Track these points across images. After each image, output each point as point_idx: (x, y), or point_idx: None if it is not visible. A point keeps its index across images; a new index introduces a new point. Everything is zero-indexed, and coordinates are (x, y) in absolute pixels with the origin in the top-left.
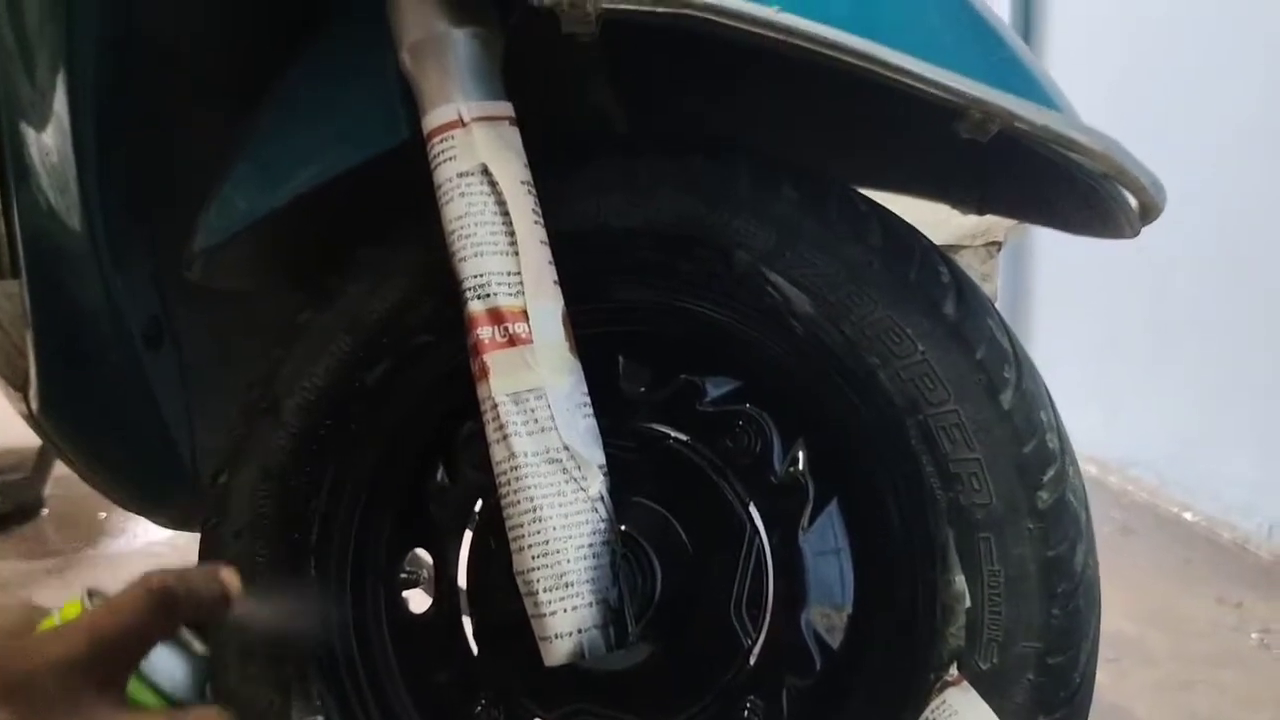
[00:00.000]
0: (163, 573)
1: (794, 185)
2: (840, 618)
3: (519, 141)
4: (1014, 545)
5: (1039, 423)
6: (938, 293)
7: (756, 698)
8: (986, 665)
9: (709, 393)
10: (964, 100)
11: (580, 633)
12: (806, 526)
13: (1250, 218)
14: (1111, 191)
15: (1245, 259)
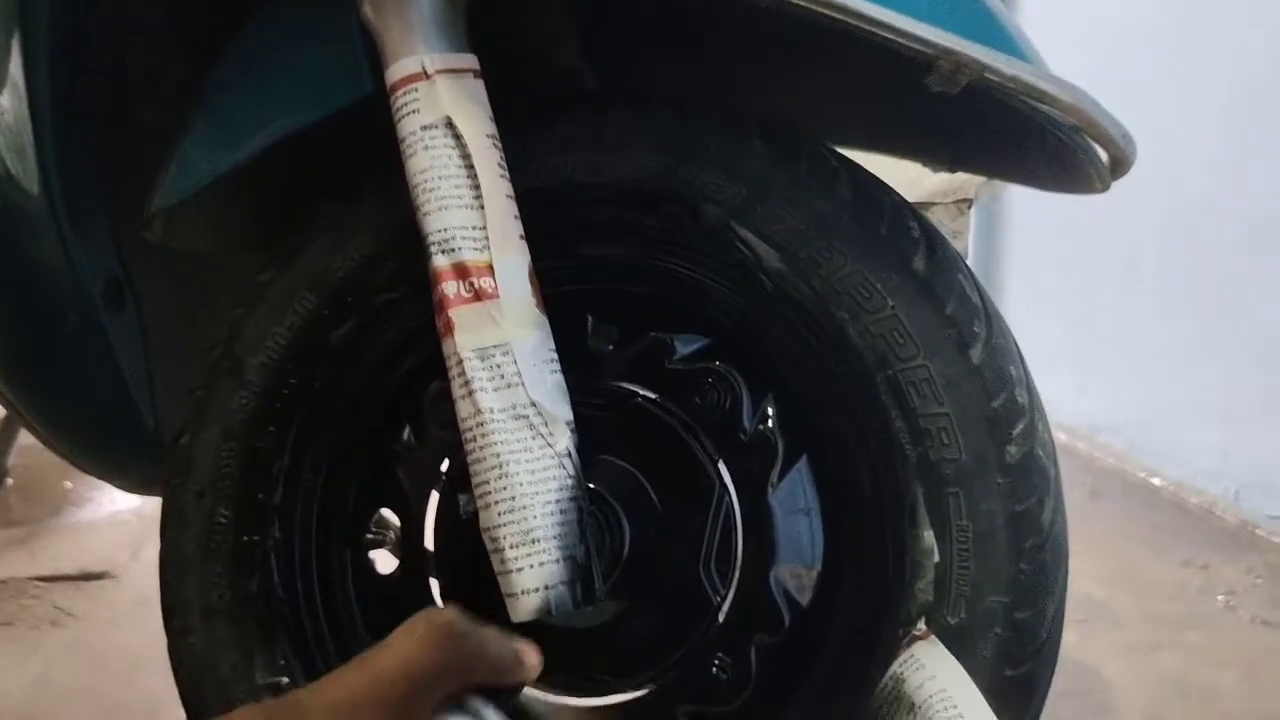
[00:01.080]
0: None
1: (764, 140)
2: (809, 575)
3: (484, 94)
4: (983, 500)
5: (1008, 377)
6: (908, 248)
7: (725, 655)
8: (954, 620)
9: (678, 350)
10: (934, 51)
11: (547, 589)
12: (775, 483)
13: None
14: (1081, 145)
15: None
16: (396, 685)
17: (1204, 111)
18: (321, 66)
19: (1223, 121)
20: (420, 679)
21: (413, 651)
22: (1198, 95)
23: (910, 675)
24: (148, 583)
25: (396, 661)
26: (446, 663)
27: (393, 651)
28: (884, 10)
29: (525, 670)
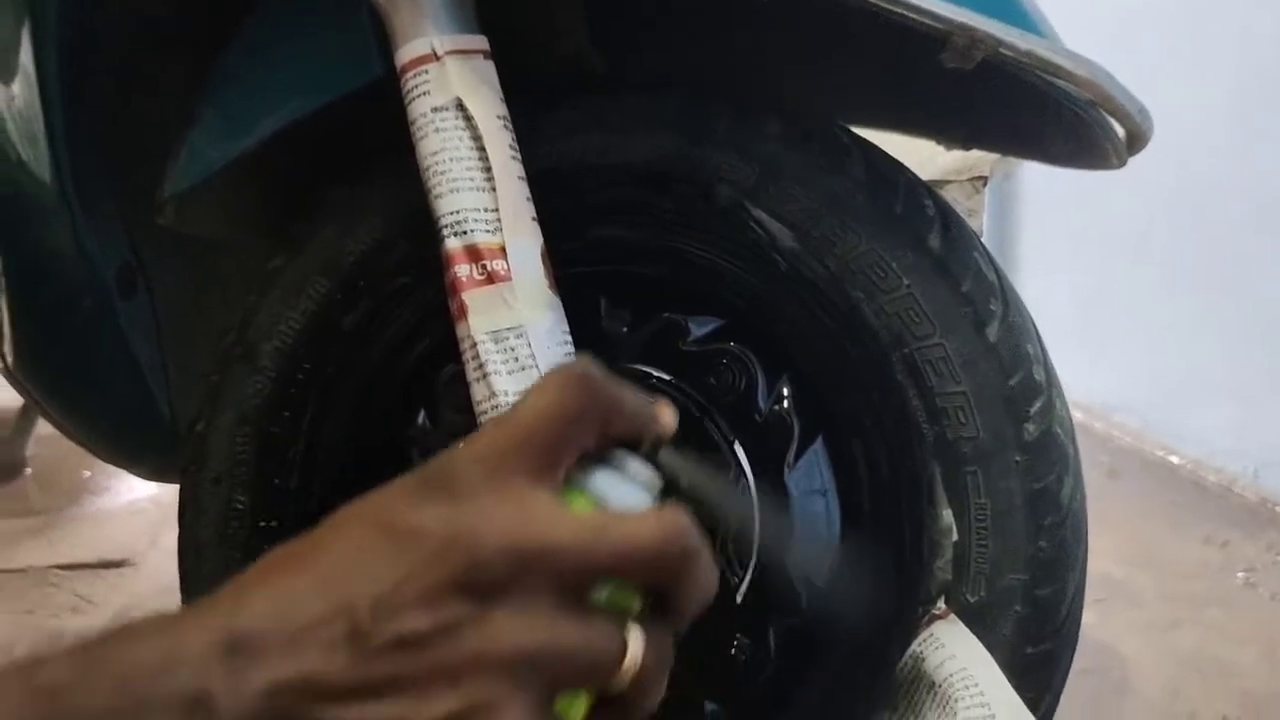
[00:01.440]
0: (584, 359)
1: (776, 120)
2: (827, 555)
3: (494, 76)
4: (1001, 478)
5: (1025, 355)
6: (923, 226)
7: (744, 635)
8: (974, 598)
9: (692, 331)
10: (948, 26)
11: None
12: (792, 464)
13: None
14: (1097, 120)
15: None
16: (540, 433)
17: (1213, 91)
18: (331, 50)
19: (1231, 101)
20: (562, 425)
21: (552, 399)
22: (1206, 75)
23: (930, 654)
24: (167, 570)
25: (537, 411)
26: (586, 409)
27: (533, 402)
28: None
29: (662, 425)
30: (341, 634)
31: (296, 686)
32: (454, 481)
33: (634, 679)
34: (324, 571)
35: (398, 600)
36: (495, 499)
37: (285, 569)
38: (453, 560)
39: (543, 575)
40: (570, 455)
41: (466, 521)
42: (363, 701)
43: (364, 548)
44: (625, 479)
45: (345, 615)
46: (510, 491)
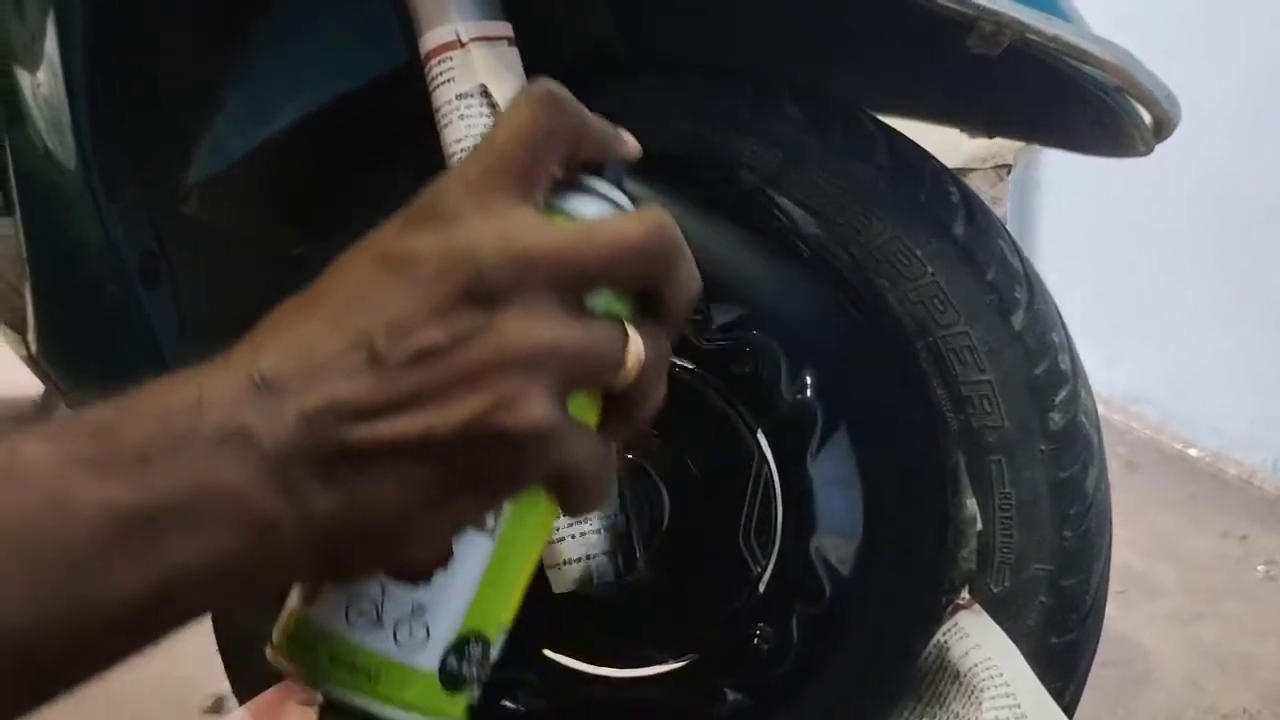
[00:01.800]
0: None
1: (799, 105)
2: (850, 545)
3: (518, 62)
4: (1026, 468)
5: (1051, 344)
6: (947, 213)
7: (767, 624)
8: (998, 588)
9: (714, 319)
10: (975, 12)
11: (588, 559)
12: (815, 453)
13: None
14: (1124, 106)
15: (1248, 194)
16: (517, 152)
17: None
18: (355, 37)
19: (1253, 92)
20: (537, 143)
21: (525, 118)
22: (1227, 66)
23: (955, 644)
24: None
25: (511, 132)
26: (555, 127)
27: (506, 124)
28: None
29: (626, 146)
30: (362, 360)
31: (327, 411)
32: (442, 208)
33: (638, 375)
34: (334, 309)
35: (409, 320)
36: (483, 217)
37: (297, 316)
38: (454, 275)
39: (542, 280)
40: (547, 172)
41: (461, 239)
42: (394, 416)
43: (367, 281)
44: (597, 199)
45: (363, 343)
46: (497, 210)
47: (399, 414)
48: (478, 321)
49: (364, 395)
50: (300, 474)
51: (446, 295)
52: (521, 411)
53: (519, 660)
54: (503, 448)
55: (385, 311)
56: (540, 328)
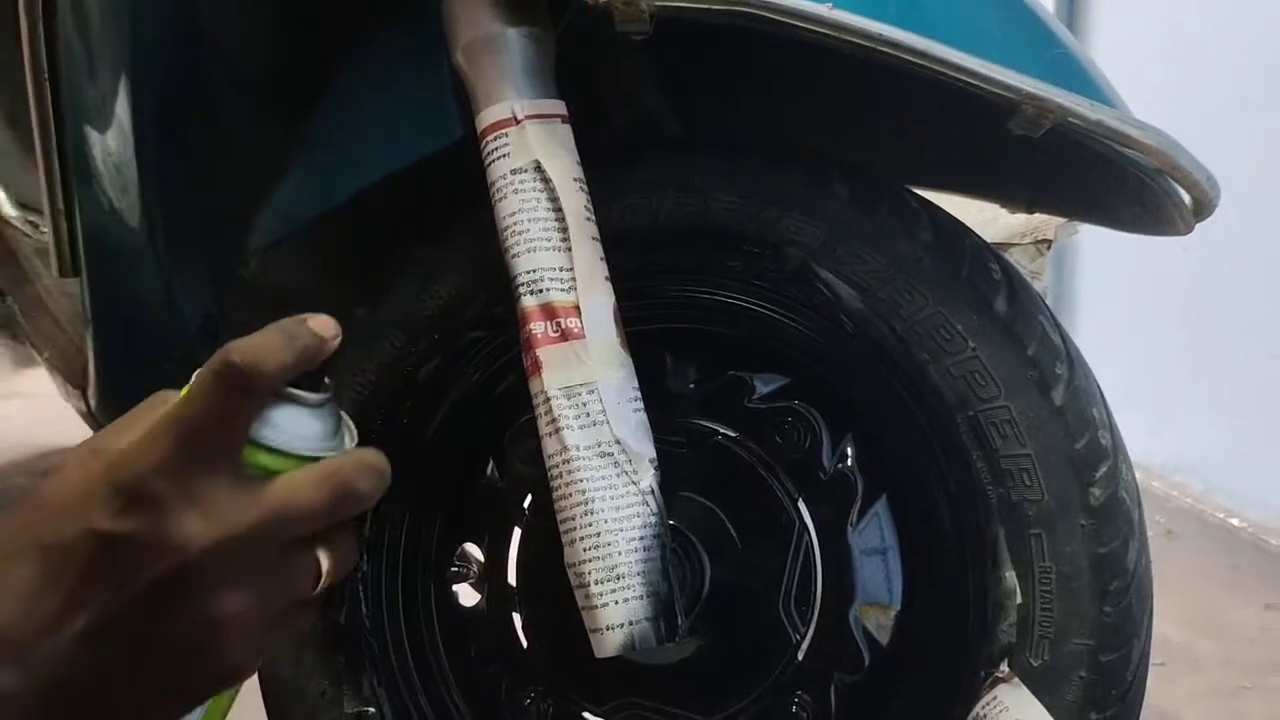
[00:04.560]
0: (230, 350)
1: (845, 182)
2: (889, 615)
3: (571, 139)
4: (1066, 542)
5: (1091, 419)
6: (989, 289)
7: (805, 693)
8: (1038, 662)
9: (758, 389)
10: (1018, 96)
11: (631, 625)
12: (855, 523)
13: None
14: (1165, 187)
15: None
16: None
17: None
18: (414, 113)
19: None
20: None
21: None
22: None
23: (993, 717)
24: None
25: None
26: (244, 402)
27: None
28: (968, 57)
29: (329, 343)
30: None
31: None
32: (144, 490)
33: (332, 577)
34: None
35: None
36: (184, 502)
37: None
38: (164, 563)
39: (240, 554)
40: (239, 437)
41: (167, 530)
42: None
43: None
44: (299, 413)
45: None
46: (196, 492)
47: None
48: (184, 602)
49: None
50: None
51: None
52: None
53: None
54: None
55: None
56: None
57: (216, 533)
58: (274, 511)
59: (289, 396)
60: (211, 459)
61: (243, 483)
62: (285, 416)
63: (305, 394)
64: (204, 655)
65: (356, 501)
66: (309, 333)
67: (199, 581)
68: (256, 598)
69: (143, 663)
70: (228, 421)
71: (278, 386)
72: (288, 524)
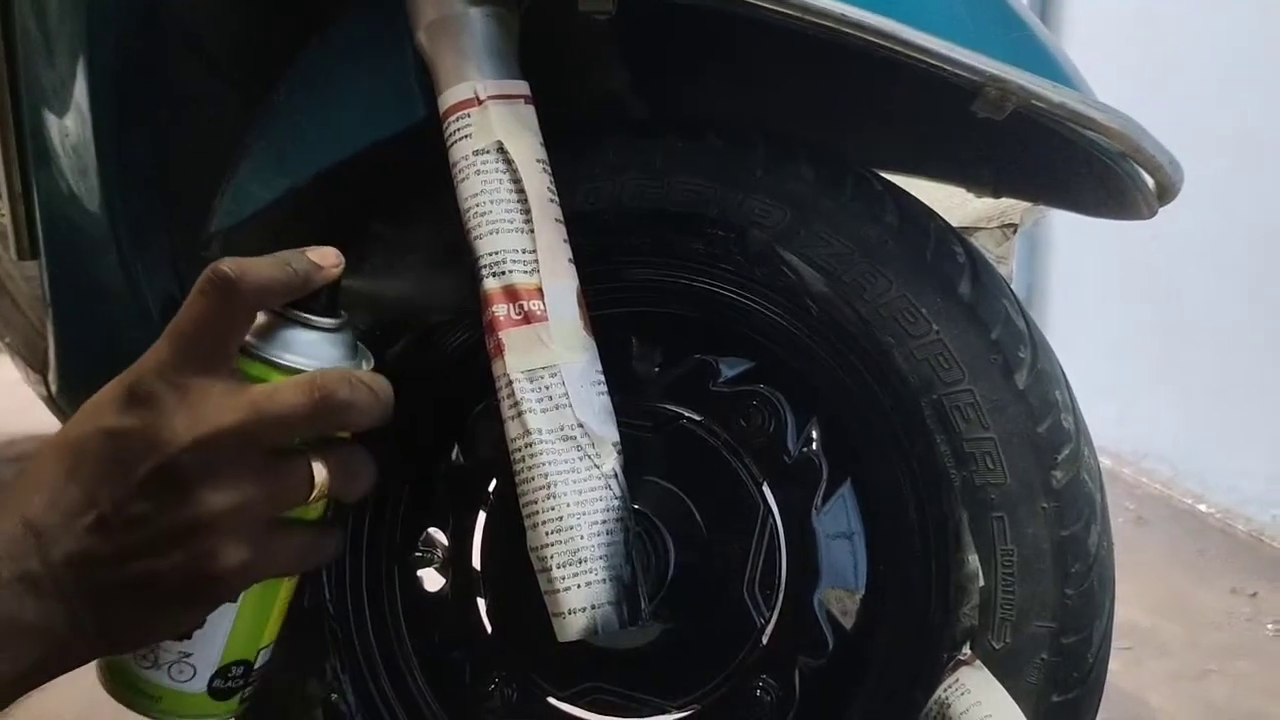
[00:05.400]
0: (220, 261)
1: (810, 165)
2: (853, 599)
3: (535, 120)
4: (1028, 525)
5: (1054, 402)
6: (953, 272)
7: (769, 677)
8: (1000, 645)
9: (723, 373)
10: (981, 78)
11: (594, 609)
12: (820, 506)
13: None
14: (1128, 171)
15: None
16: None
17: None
18: (376, 93)
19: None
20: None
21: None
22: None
23: (955, 700)
24: None
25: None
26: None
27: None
28: (932, 38)
29: (327, 271)
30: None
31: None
32: (143, 390)
33: (331, 490)
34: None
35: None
36: (175, 399)
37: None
38: (152, 457)
39: (224, 453)
40: (230, 344)
41: (159, 424)
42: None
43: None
44: (303, 333)
45: (94, 505)
46: (187, 391)
47: (127, 562)
48: (175, 493)
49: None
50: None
51: (147, 473)
52: (218, 560)
53: (524, 708)
54: (211, 580)
55: (107, 482)
56: (227, 496)
57: (200, 430)
58: (253, 412)
59: (294, 318)
60: (204, 363)
61: (233, 387)
62: (289, 335)
63: (311, 316)
64: (197, 556)
65: (340, 410)
66: (304, 258)
67: (183, 475)
68: (241, 497)
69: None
70: (215, 326)
71: (268, 302)
72: (267, 426)
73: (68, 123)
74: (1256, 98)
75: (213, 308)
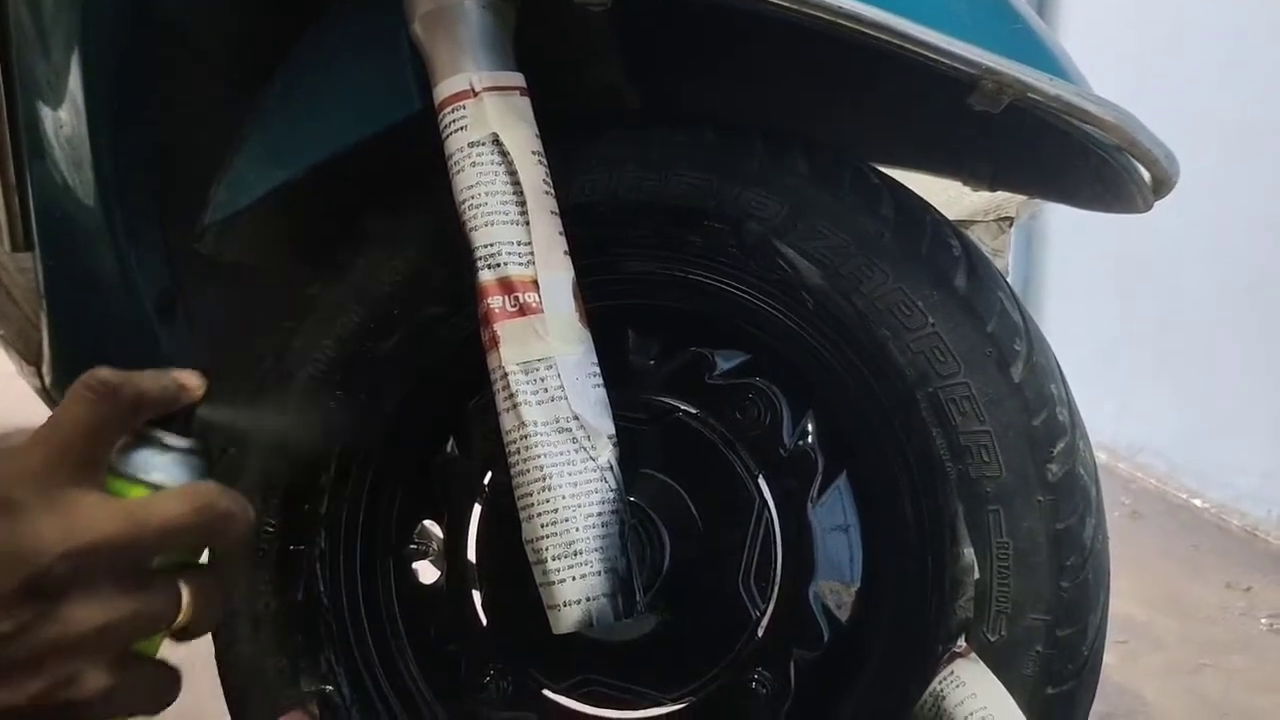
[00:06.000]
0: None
1: (806, 158)
2: (849, 591)
3: (530, 112)
4: (1023, 518)
5: (1049, 395)
6: (949, 265)
7: (764, 669)
8: (995, 637)
9: (719, 365)
10: (977, 70)
11: (588, 601)
12: (815, 499)
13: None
14: (1124, 164)
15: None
16: (74, 445)
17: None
18: (371, 85)
19: (1267, 138)
20: (92, 434)
21: (79, 413)
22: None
23: (950, 692)
24: None
25: (70, 425)
26: (109, 415)
27: (64, 417)
28: (928, 31)
29: (190, 392)
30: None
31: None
32: (9, 497)
33: (192, 614)
34: None
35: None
36: (46, 509)
37: None
38: (20, 570)
39: (98, 566)
40: (104, 453)
41: (27, 535)
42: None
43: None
44: (162, 454)
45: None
46: (59, 501)
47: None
48: (40, 611)
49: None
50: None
51: (12, 589)
52: (81, 686)
53: (520, 700)
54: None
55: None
56: (96, 612)
57: (74, 540)
58: (131, 522)
59: (154, 437)
60: (76, 471)
61: (105, 498)
62: (149, 454)
63: (171, 436)
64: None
65: (220, 520)
66: (172, 378)
67: (52, 589)
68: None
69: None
70: (94, 433)
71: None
72: (147, 536)
73: (62, 115)
74: (1255, 89)
75: (95, 413)
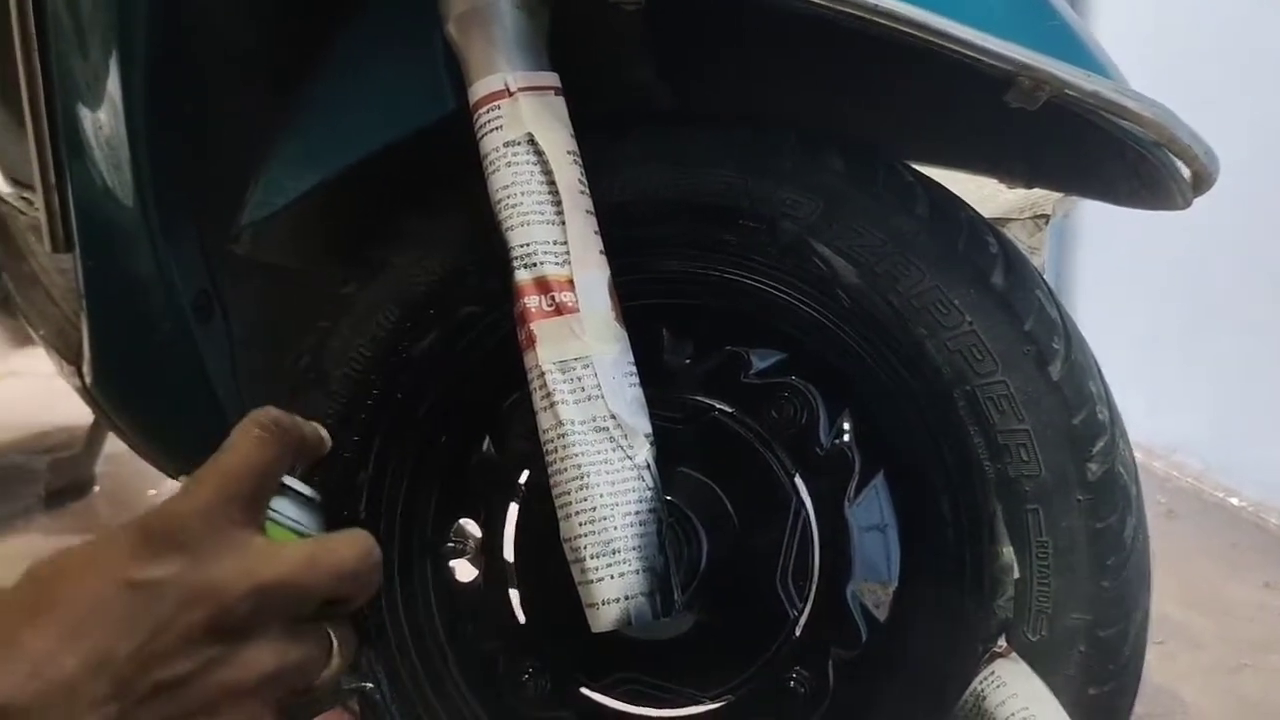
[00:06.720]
0: (268, 409)
1: (841, 156)
2: (886, 591)
3: (565, 111)
4: (1063, 517)
5: (1089, 394)
6: (985, 263)
7: (802, 668)
8: (1035, 637)
9: (754, 364)
10: (1014, 67)
11: (627, 599)
12: (852, 498)
13: None
14: (1163, 160)
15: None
16: (246, 484)
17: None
18: (406, 85)
19: None
20: (262, 475)
21: (249, 452)
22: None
23: (991, 692)
24: None
25: (241, 463)
26: (279, 456)
27: (238, 453)
28: (964, 28)
29: (325, 445)
30: (105, 689)
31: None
32: (180, 535)
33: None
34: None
35: (155, 649)
36: (225, 548)
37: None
38: (201, 608)
39: (274, 608)
40: (268, 494)
41: (206, 572)
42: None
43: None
44: (298, 502)
45: (106, 670)
46: (233, 540)
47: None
48: (218, 653)
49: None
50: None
51: (192, 626)
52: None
53: (558, 698)
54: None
55: (129, 637)
56: (269, 656)
57: (257, 579)
58: (312, 565)
59: (291, 485)
60: (244, 509)
61: (270, 541)
62: (286, 502)
63: (297, 484)
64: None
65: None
66: (315, 427)
67: (234, 628)
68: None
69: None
70: (261, 472)
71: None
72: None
73: (101, 116)
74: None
75: (265, 453)
